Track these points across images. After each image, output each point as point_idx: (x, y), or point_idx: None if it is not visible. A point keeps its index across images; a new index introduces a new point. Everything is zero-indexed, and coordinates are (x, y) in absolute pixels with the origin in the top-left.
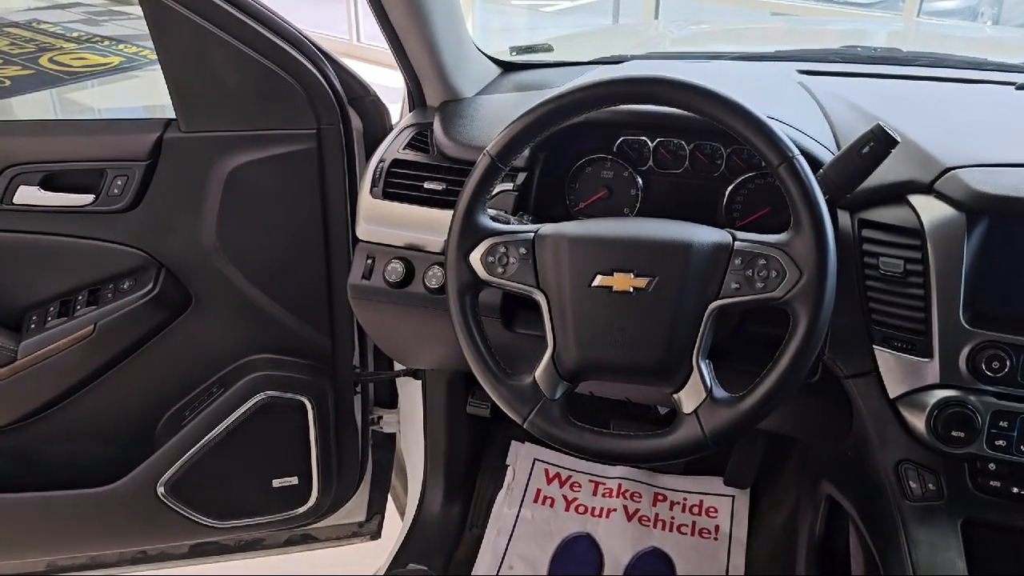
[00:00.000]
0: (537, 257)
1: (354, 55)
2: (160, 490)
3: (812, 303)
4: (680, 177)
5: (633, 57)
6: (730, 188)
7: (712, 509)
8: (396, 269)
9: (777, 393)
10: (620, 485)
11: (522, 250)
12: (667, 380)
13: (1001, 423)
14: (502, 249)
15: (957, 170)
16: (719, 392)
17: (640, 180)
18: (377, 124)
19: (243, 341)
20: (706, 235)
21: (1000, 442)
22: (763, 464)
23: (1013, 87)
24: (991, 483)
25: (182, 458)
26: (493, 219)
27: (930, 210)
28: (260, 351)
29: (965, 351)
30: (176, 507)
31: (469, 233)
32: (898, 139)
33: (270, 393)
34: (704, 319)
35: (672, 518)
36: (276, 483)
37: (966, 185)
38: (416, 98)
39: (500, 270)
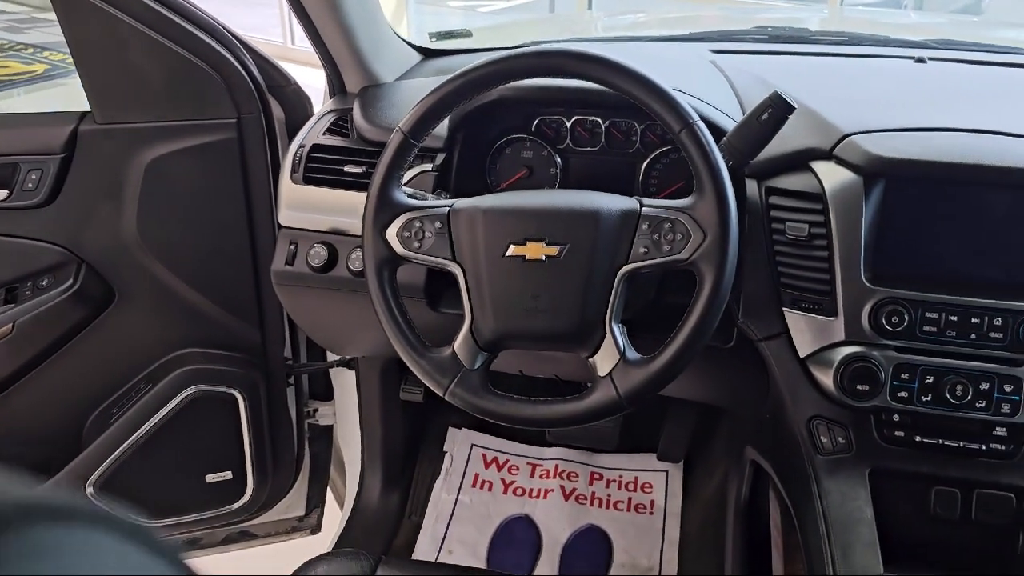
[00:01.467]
0: (452, 231)
1: (289, 58)
2: (89, 490)
3: (716, 263)
4: (597, 154)
5: (553, 42)
6: (645, 163)
7: (647, 485)
8: (319, 253)
9: (687, 351)
10: (557, 466)
11: (438, 224)
12: (582, 345)
13: (903, 375)
14: (418, 224)
15: (854, 136)
16: (632, 354)
17: (559, 159)
18: (299, 113)
19: (170, 336)
20: (615, 203)
21: (902, 394)
22: (694, 438)
23: (912, 60)
24: (896, 433)
25: (111, 456)
26: (410, 197)
27: (831, 175)
28: (188, 345)
29: (867, 308)
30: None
31: (385, 209)
32: (795, 105)
33: (200, 387)
34: (615, 284)
35: (608, 495)
36: (210, 478)
37: (863, 150)
38: (336, 85)
39: (416, 245)
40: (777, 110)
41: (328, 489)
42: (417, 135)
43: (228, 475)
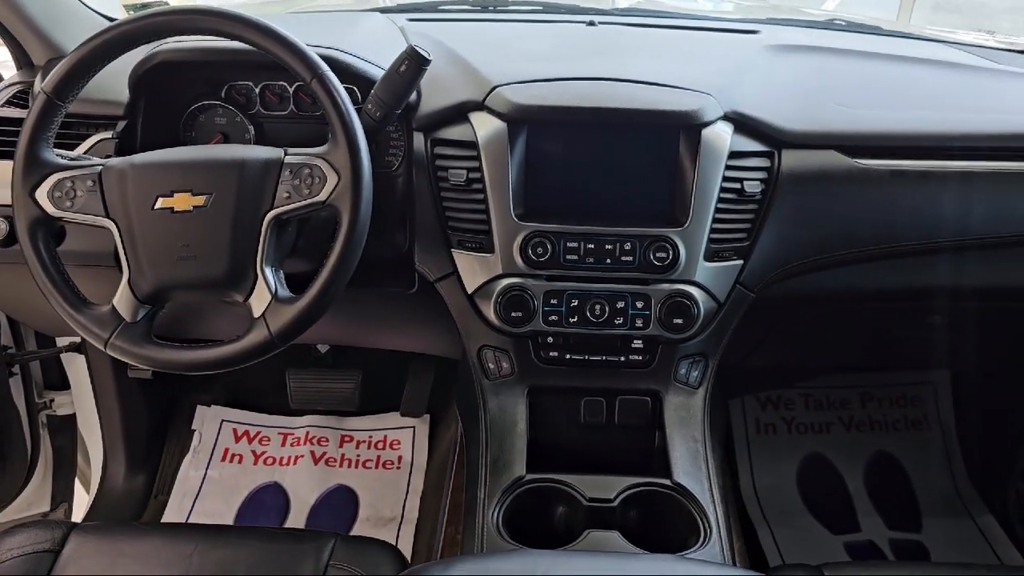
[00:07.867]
0: (105, 188)
1: None
2: None
3: (351, 202)
4: (288, 118)
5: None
6: None
7: (396, 442)
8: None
9: (331, 287)
10: (307, 433)
11: (89, 183)
12: (236, 289)
13: (552, 301)
14: (69, 183)
15: (501, 87)
16: (284, 293)
17: (251, 124)
18: None
19: None
20: (259, 153)
21: (553, 317)
22: (437, 392)
23: (585, 24)
24: (551, 354)
25: None
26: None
27: (483, 124)
28: None
29: (517, 242)
30: None
31: (33, 170)
32: (429, 57)
33: None
34: (263, 229)
35: (358, 456)
36: None
37: (506, 99)
38: (21, 58)
39: (68, 204)
40: (413, 62)
41: (77, 480)
42: (62, 95)
43: None
